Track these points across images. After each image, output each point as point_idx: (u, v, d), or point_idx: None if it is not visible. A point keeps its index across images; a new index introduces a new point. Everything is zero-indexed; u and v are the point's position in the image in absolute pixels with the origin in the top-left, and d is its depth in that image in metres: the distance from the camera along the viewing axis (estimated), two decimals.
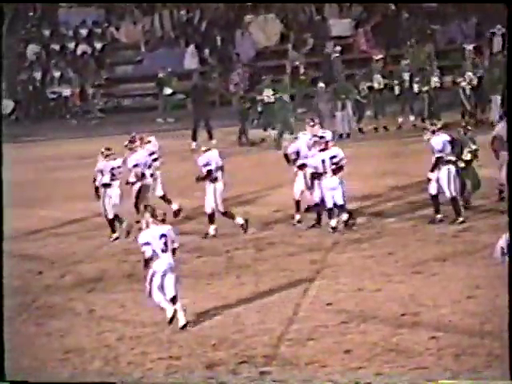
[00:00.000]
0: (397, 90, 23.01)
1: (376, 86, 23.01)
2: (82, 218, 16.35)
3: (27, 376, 10.22)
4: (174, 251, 11.40)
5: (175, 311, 11.26)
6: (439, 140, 14.36)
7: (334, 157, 14.56)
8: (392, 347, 10.26)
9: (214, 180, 14.69)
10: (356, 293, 11.94)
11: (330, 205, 14.58)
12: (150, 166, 15.58)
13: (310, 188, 14.89)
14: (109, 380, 10.03)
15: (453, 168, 14.36)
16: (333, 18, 28.02)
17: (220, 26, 28.12)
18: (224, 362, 10.22)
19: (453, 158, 14.33)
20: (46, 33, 28.40)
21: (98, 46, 28.28)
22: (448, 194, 14.34)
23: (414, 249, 13.54)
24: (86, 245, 15.04)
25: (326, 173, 14.53)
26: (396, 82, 23.03)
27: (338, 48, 26.12)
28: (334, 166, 14.50)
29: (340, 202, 14.50)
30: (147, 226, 11.47)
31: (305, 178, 14.93)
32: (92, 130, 25.16)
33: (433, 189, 14.37)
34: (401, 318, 11.02)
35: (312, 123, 15.37)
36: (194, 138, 22.94)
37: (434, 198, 14.41)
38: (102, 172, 15.20)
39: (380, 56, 24.07)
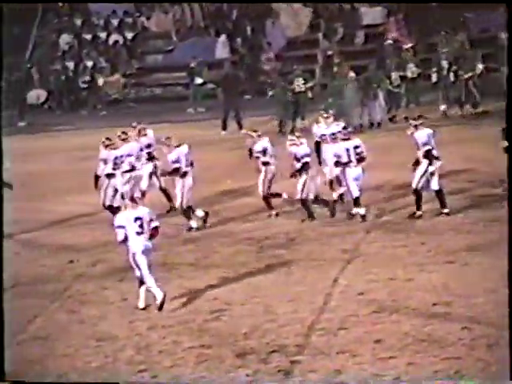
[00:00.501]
0: (434, 78, 22.84)
1: (409, 75, 22.87)
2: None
3: (61, 365, 10.30)
4: (153, 232, 11.65)
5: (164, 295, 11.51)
6: (423, 134, 14.47)
7: (357, 147, 14.61)
8: (424, 337, 10.21)
9: (183, 175, 14.79)
10: (388, 282, 11.90)
11: (356, 193, 14.58)
12: (149, 158, 15.60)
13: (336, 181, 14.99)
14: (139, 368, 10.08)
15: (437, 162, 14.41)
16: (364, 6, 27.88)
17: (250, 15, 28.09)
18: (255, 351, 10.23)
19: (435, 153, 14.40)
20: (78, 22, 28.51)
21: (129, 35, 28.35)
22: (435, 187, 14.44)
23: (447, 238, 13.46)
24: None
25: (350, 162, 14.52)
26: (434, 69, 22.88)
27: (392, 36, 25.92)
28: (357, 156, 14.52)
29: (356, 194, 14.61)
30: (125, 209, 11.79)
31: (266, 175, 15.08)
32: (123, 119, 25.23)
33: (415, 183, 14.39)
34: (433, 308, 10.96)
35: (326, 115, 15.53)
36: (224, 128, 22.97)
37: (416, 192, 14.45)
38: (105, 161, 15.29)
39: (410, 45, 23.92)
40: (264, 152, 15.20)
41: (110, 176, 15.27)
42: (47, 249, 14.54)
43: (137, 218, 11.61)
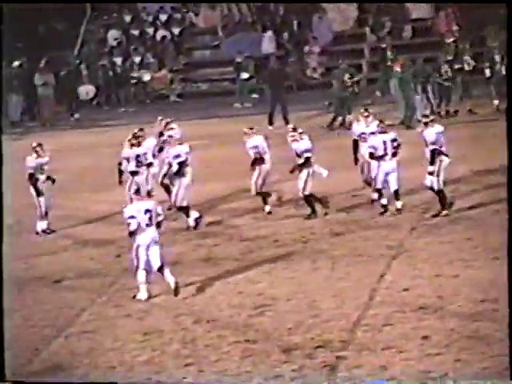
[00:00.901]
0: (488, 72, 22.59)
1: (466, 67, 22.67)
2: (160, 201, 16.42)
3: (109, 359, 10.40)
4: (159, 225, 12.05)
5: (176, 288, 11.82)
6: (432, 131, 14.35)
7: (394, 140, 14.56)
8: (471, 334, 10.13)
9: (182, 174, 14.82)
10: (434, 278, 11.83)
11: (395, 186, 14.54)
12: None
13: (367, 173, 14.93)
14: (186, 362, 10.14)
15: (446, 159, 14.29)
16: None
17: (297, 10, 28.05)
18: (300, 347, 10.24)
19: (444, 150, 14.27)
20: (127, 18, 28.71)
21: (177, 31, 28.48)
22: (436, 186, 14.33)
23: (494, 234, 13.33)
24: (163, 228, 15.17)
25: (386, 155, 14.48)
26: (487, 64, 22.64)
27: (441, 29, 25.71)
28: (393, 150, 14.49)
29: (394, 187, 14.51)
30: (131, 202, 12.17)
31: (259, 173, 15.03)
32: (169, 114, 25.34)
33: (429, 181, 14.33)
34: (480, 305, 10.87)
35: (366, 113, 15.36)
36: (271, 123, 22.97)
37: (432, 189, 14.35)
38: (128, 160, 15.35)
39: (452, 39, 23.72)
40: (256, 149, 15.15)
41: (133, 173, 15.36)
42: (94, 243, 14.68)
43: (147, 210, 11.96)
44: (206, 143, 16.68)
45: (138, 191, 12.59)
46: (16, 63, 25.59)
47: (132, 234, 11.97)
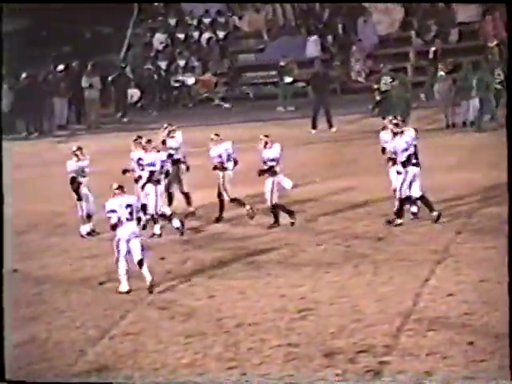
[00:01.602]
0: None
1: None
2: (199, 206, 16.50)
3: (152, 361, 10.46)
4: (139, 220, 12.62)
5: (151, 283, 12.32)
6: (403, 140, 14.41)
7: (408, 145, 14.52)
8: None
9: (157, 182, 14.83)
10: (478, 284, 11.73)
11: (419, 193, 14.49)
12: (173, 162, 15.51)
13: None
14: (229, 365, 10.17)
15: (416, 169, 14.34)
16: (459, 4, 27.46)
17: (342, 13, 27.99)
18: (343, 351, 10.21)
19: (414, 160, 14.35)
20: (172, 22, 28.86)
21: (221, 34, 28.57)
22: (415, 194, 14.37)
23: None
24: (207, 231, 15.24)
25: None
26: None
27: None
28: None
29: (417, 193, 14.49)
30: (113, 196, 12.55)
31: (224, 180, 15.14)
32: (213, 118, 25.47)
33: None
34: None
35: (395, 121, 15.11)
36: (314, 127, 22.95)
37: (421, 198, 14.44)
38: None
39: (495, 42, 23.50)
40: (220, 157, 15.18)
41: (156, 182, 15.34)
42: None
43: (128, 205, 12.49)
44: (248, 146, 16.66)
45: (120, 187, 12.75)
46: (60, 67, 25.84)
47: (113, 227, 12.48)
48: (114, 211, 12.53)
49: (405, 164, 14.40)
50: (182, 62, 27.78)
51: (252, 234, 14.86)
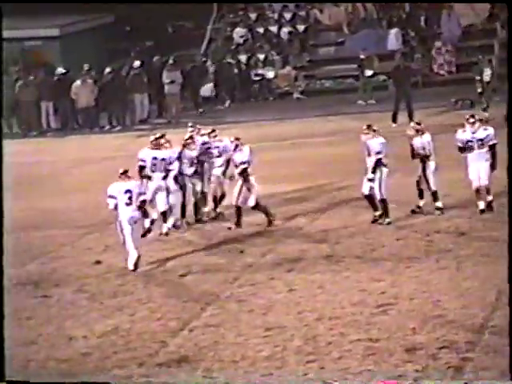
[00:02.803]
0: None
1: None
2: (272, 194, 16.44)
3: (232, 353, 10.51)
4: (142, 204, 13.12)
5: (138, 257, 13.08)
6: (376, 142, 14.52)
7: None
8: None
9: (149, 178, 14.65)
10: None
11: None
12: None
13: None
14: (308, 359, 10.15)
15: (385, 170, 14.48)
16: None
17: (424, 6, 27.65)
18: (424, 347, 10.10)
19: (385, 161, 14.48)
20: (252, 16, 28.92)
21: (301, 28, 28.51)
22: (379, 196, 14.46)
23: None
24: (287, 225, 15.23)
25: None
26: None
27: None
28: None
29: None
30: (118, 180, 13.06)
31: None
32: (292, 111, 25.44)
33: (366, 189, 14.57)
34: None
35: (472, 120, 14.76)
36: (395, 120, 22.74)
37: (368, 197, 14.64)
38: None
39: None
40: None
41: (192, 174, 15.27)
42: (218, 239, 14.84)
43: (127, 191, 12.99)
44: (329, 140, 16.61)
45: (125, 172, 13.13)
46: (138, 63, 26.05)
47: (113, 211, 13.06)
48: (112, 197, 13.06)
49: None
50: (261, 56, 27.81)
51: (331, 228, 14.81)
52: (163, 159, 14.86)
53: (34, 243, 15.24)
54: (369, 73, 25.96)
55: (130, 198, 13.01)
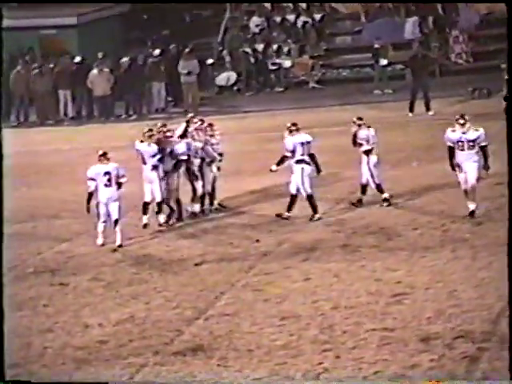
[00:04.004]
0: None
1: None
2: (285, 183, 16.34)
3: (247, 342, 10.52)
4: (120, 185, 13.85)
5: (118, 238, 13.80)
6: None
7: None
8: None
9: (155, 168, 14.64)
10: None
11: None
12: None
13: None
14: (323, 348, 10.16)
15: (307, 167, 14.56)
16: None
17: None
18: (439, 336, 10.09)
19: (306, 158, 14.56)
20: (268, 5, 28.84)
21: (318, 17, 28.42)
22: (304, 193, 14.54)
23: None
24: (302, 214, 15.21)
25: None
26: None
27: None
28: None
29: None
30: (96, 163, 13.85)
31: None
32: (308, 101, 25.38)
33: (294, 188, 14.63)
34: None
35: (462, 121, 14.43)
36: (411, 109, 22.66)
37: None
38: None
39: None
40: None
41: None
42: (234, 228, 14.86)
43: (106, 173, 13.77)
44: (344, 130, 16.52)
45: (104, 154, 13.87)
46: (157, 51, 26.07)
47: (90, 194, 13.88)
48: (92, 179, 13.87)
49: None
50: (278, 45, 27.73)
51: (347, 217, 14.79)
52: (171, 151, 14.91)
53: (50, 232, 15.30)
54: (383, 62, 25.85)
55: (109, 180, 13.78)
